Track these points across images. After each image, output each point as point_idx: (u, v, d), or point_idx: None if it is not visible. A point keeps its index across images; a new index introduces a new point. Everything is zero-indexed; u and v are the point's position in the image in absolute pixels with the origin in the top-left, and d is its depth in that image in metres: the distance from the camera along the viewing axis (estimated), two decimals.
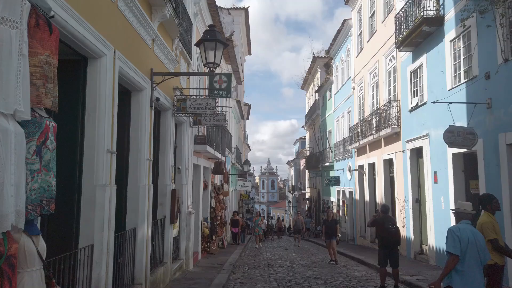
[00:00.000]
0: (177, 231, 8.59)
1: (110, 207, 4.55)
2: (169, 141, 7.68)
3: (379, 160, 15.06)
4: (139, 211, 5.86)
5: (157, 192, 7.45)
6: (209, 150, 10.25)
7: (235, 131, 24.77)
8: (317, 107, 29.40)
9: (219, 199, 14.47)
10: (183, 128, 9.23)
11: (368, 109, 16.70)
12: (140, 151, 5.95)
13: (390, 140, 13.65)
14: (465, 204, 4.46)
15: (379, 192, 15.12)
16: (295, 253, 14.63)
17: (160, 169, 7.54)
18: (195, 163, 10.60)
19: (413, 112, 11.72)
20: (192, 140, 9.90)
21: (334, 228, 11.61)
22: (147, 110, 6.12)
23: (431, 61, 10.46)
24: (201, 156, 11.51)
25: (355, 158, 19.07)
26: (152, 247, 6.73)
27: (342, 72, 22.21)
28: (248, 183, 25.38)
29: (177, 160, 9.08)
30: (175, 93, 7.97)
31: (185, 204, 9.10)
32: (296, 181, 48.91)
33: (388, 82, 14.36)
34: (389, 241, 7.33)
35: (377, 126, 14.61)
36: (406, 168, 12.15)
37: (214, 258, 11.91)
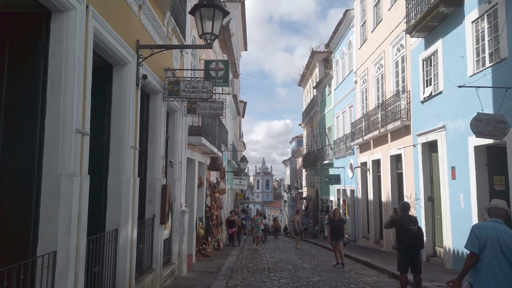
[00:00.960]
0: (168, 232, 7.62)
1: (81, 202, 3.58)
2: (159, 129, 6.70)
3: (385, 156, 14.18)
4: (122, 209, 4.88)
5: (145, 187, 6.48)
6: (204, 142, 9.28)
7: (231, 127, 23.79)
8: (316, 104, 28.51)
9: (215, 198, 13.49)
10: (176, 117, 8.25)
11: (372, 102, 15.82)
12: (123, 137, 4.97)
13: (398, 134, 12.77)
14: (499, 201, 4.29)
15: (385, 190, 14.24)
16: (296, 255, 13.70)
17: (149, 161, 6.56)
18: (189, 157, 9.63)
19: (425, 103, 10.83)
20: (186, 131, 8.93)
21: (341, 228, 10.68)
22: (131, 89, 5.14)
23: (448, 46, 9.58)
24: (196, 149, 10.54)
25: (357, 155, 18.19)
26: (139, 251, 5.75)
27: (343, 65, 21.33)
28: (244, 182, 24.40)
29: (169, 153, 8.11)
30: (166, 74, 6.99)
31: (178, 202, 8.13)
32: (292, 180, 48.03)
33: (396, 73, 13.48)
34: (410, 244, 6.41)
35: (383, 120, 13.72)
36: (418, 164, 11.26)
37: (210, 261, 10.94)
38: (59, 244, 3.30)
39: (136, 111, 5.35)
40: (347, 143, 19.97)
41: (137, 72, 5.29)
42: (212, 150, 11.29)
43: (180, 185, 8.33)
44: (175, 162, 8.13)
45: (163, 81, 6.83)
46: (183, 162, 8.58)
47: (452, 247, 9.38)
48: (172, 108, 7.96)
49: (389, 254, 12.94)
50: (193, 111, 8.46)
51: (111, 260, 4.71)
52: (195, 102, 8.46)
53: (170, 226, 7.67)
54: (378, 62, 15.26)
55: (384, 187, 14.42)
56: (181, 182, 8.37)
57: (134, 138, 5.25)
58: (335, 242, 10.70)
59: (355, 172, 18.56)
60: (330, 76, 23.92)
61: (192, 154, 9.87)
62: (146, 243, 6.25)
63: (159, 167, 6.62)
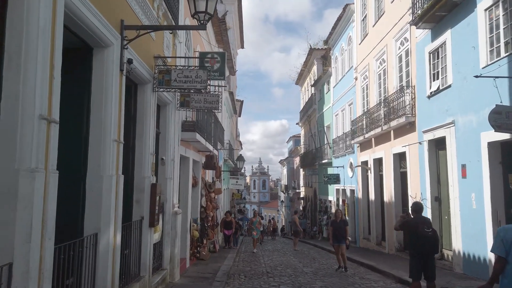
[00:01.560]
0: (159, 235, 7.00)
1: (46, 203, 2.97)
2: (148, 123, 6.08)
3: (388, 155, 13.63)
4: (102, 211, 4.27)
5: (132, 186, 5.87)
6: (199, 139, 8.67)
7: (227, 125, 23.19)
8: (314, 102, 27.97)
9: (211, 198, 12.88)
10: (168, 110, 7.64)
11: (374, 99, 15.28)
12: (104, 129, 4.36)
13: (402, 131, 12.22)
14: None
15: (388, 190, 13.69)
16: (295, 258, 13.12)
17: (137, 157, 5.95)
18: (183, 154, 9.02)
19: (432, 98, 10.29)
20: (179, 127, 8.32)
21: (343, 230, 10.09)
22: (114, 74, 4.53)
23: (458, 37, 9.03)
24: (190, 147, 9.93)
25: (357, 153, 17.64)
26: (124, 257, 5.14)
27: (343, 62, 20.78)
28: (241, 181, 23.78)
29: (160, 150, 7.50)
30: (156, 63, 6.38)
31: (170, 203, 7.52)
32: (289, 180, 47.47)
33: (399, 67, 12.93)
34: (424, 248, 5.83)
35: (386, 117, 13.17)
36: (423, 162, 10.71)
37: (205, 265, 10.33)
38: (16, 255, 2.68)
39: (120, 99, 4.74)
40: (346, 141, 19.43)
41: (121, 55, 4.67)
42: (207, 147, 10.68)
43: (173, 185, 7.72)
44: (167, 160, 7.52)
45: (152, 70, 6.22)
46: (176, 159, 7.97)
47: (462, 250, 8.83)
48: (163, 100, 7.35)
49: (392, 257, 12.39)
50: (186, 104, 7.85)
51: (89, 269, 4.10)
52: (188, 94, 7.86)
53: (161, 229, 7.06)
54: (380, 57, 14.72)
55: (386, 187, 13.87)
56: (173, 181, 7.76)
57: (118, 130, 4.64)
58: (337, 245, 10.12)
59: (355, 171, 18.01)
60: (329, 73, 23.37)
61: (186, 152, 9.26)
62: (133, 248, 5.64)
63: (148, 164, 6.01)
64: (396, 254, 12.71)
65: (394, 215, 13.00)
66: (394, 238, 12.99)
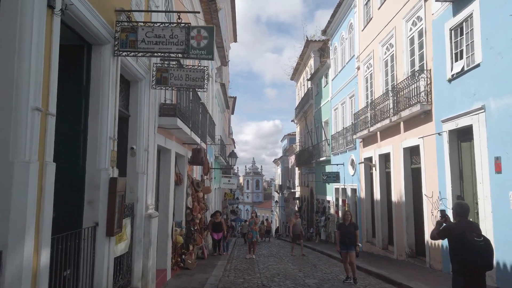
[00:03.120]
0: (126, 245, 5.47)
1: None
2: (107, 98, 4.56)
3: (397, 149, 12.22)
4: (11, 216, 2.73)
5: (83, 181, 4.34)
6: (180, 125, 7.13)
7: (219, 120, 21.67)
8: (310, 97, 26.55)
9: (199, 198, 11.37)
10: (140, 89, 6.13)
11: (379, 89, 13.87)
12: (15, 90, 2.82)
13: (415, 122, 10.81)
14: None
15: (397, 188, 12.28)
16: (294, 266, 11.64)
17: (90, 143, 4.43)
18: (162, 145, 7.50)
19: (454, 81, 8.89)
20: (156, 110, 6.80)
21: (353, 235, 8.63)
22: (37, 9, 2.99)
23: (489, 6, 7.63)
24: (172, 137, 8.41)
25: (360, 149, 16.23)
26: (62, 282, 3.62)
27: (343, 52, 19.38)
28: (234, 180, 22.28)
29: (130, 137, 6.00)
30: (119, 18, 4.86)
31: (142, 203, 6.00)
32: (284, 179, 46.04)
33: (411, 51, 11.53)
34: (475, 264, 4.36)
35: (395, 107, 11.76)
36: (443, 156, 9.31)
37: (190, 276, 8.81)
38: None
39: (49, 50, 3.20)
40: (347, 137, 18.03)
41: None
42: (194, 139, 9.17)
43: (147, 181, 6.20)
44: (138, 150, 6.00)
45: (113, 28, 4.70)
46: (151, 150, 6.45)
47: (495, 259, 7.42)
48: (133, 75, 5.84)
49: (404, 264, 10.97)
50: (164, 81, 6.33)
51: None
52: (166, 69, 6.35)
53: (128, 237, 5.53)
54: (387, 42, 13.32)
55: (395, 185, 12.46)
56: (147, 176, 6.24)
57: (43, 95, 3.10)
58: (345, 252, 8.66)
59: (357, 169, 16.61)
60: (327, 66, 21.97)
61: (166, 142, 7.74)
62: (83, 267, 4.11)
63: (106, 152, 4.49)
64: (407, 261, 11.30)
65: (405, 217, 11.60)
66: (405, 242, 11.58)
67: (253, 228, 13.90)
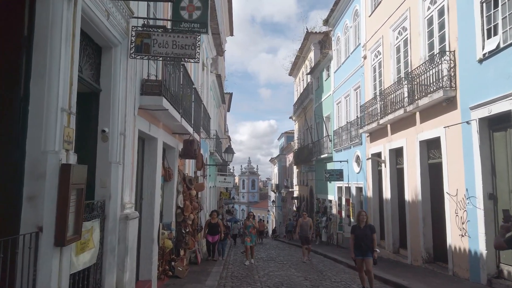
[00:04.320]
0: (93, 255, 4.21)
1: None
2: (57, 54, 3.28)
3: (411, 143, 11.03)
4: None
5: (21, 169, 3.08)
6: (166, 106, 5.83)
7: (214, 115, 20.40)
8: (310, 91, 25.35)
9: (191, 196, 10.10)
10: (115, 57, 4.86)
11: (390, 78, 12.68)
12: None
13: (435, 111, 9.63)
14: None
15: (411, 186, 11.08)
16: (298, 272, 10.42)
17: (33, 115, 3.15)
18: (146, 131, 6.22)
19: (487, 61, 7.70)
20: (136, 86, 5.52)
21: (369, 239, 7.42)
22: None
23: None
24: (160, 124, 7.14)
25: (366, 144, 15.04)
26: None
27: (347, 42, 18.19)
28: (230, 178, 21.00)
29: (101, 117, 4.73)
30: None
31: (116, 201, 4.73)
32: (281, 179, 44.83)
33: (429, 33, 10.35)
34: None
35: (410, 96, 10.58)
36: (471, 149, 8.12)
37: (180, 287, 7.55)
38: None
39: None
40: (351, 132, 16.84)
41: None
42: (185, 128, 7.90)
43: (123, 173, 4.93)
44: (111, 134, 4.74)
45: None
46: (129, 135, 5.18)
47: None
48: (105, 38, 4.57)
49: (421, 271, 9.78)
50: (145, 49, 5.06)
51: None
52: (148, 34, 5.08)
53: (96, 244, 4.27)
54: (399, 26, 12.13)
55: (409, 183, 11.27)
56: (124, 168, 4.97)
57: None
58: (361, 259, 7.44)
59: (364, 165, 15.42)
60: (329, 57, 20.77)
61: (151, 129, 6.46)
62: None
63: (56, 129, 3.22)
64: (425, 267, 10.11)
65: (421, 217, 10.42)
66: (421, 245, 10.39)
67: (251, 232, 12.12)
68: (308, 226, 12.90)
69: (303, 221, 13.16)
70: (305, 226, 12.91)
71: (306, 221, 13.15)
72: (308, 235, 12.89)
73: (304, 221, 13.12)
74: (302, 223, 13.06)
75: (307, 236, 12.89)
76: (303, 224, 13.01)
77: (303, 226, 12.94)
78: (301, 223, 13.10)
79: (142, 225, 6.74)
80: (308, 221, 13.14)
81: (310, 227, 13.01)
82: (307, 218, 13.39)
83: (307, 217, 13.65)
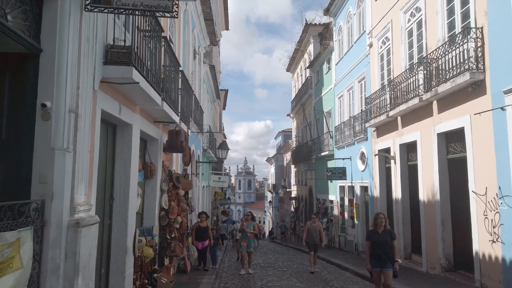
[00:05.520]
0: (20, 279, 2.94)
1: None
2: None
3: (427, 136, 9.83)
4: None
5: None
6: (137, 78, 4.51)
7: (208, 111, 19.13)
8: (309, 86, 24.14)
9: (179, 196, 8.84)
10: (63, 8, 3.60)
11: (401, 65, 11.49)
12: None
13: (457, 98, 8.43)
14: None
15: (427, 184, 9.88)
16: (300, 282, 9.19)
17: None
18: (115, 114, 4.94)
19: None
20: (97, 52, 4.23)
21: (389, 246, 6.19)
22: None
23: None
24: (136, 109, 5.86)
25: (373, 140, 13.84)
26: None
27: (349, 31, 16.99)
28: (225, 178, 19.71)
29: (41, 87, 3.47)
30: None
31: (60, 202, 3.46)
32: (278, 179, 43.60)
33: (448, 10, 9.15)
34: None
35: (426, 83, 9.38)
36: (505, 139, 6.92)
37: None
38: None
39: None
40: (355, 127, 15.63)
41: None
42: (168, 115, 6.64)
43: (74, 164, 3.66)
44: (56, 110, 3.47)
45: None
46: (84, 115, 3.90)
47: None
48: None
49: (442, 280, 8.58)
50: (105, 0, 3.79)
51: None
52: None
53: (27, 262, 3.00)
54: (411, 6, 10.94)
55: (425, 181, 10.06)
56: (77, 157, 3.70)
57: None
58: (378, 270, 6.21)
59: (369, 163, 14.22)
60: (330, 49, 19.58)
61: (122, 112, 5.19)
62: None
63: None
64: (444, 276, 8.91)
65: (439, 220, 9.22)
66: (439, 251, 9.20)
67: (248, 235, 10.46)
68: (317, 232, 10.76)
69: (311, 225, 10.93)
70: (314, 231, 10.77)
71: (315, 225, 10.90)
72: (317, 242, 10.75)
73: (312, 226, 10.89)
74: (310, 228, 10.87)
75: (316, 244, 10.77)
76: (311, 229, 10.82)
77: (311, 231, 10.78)
78: (309, 228, 10.90)
79: (112, 232, 5.48)
80: (318, 226, 10.94)
81: (319, 232, 10.81)
82: (317, 223, 11.07)
83: (317, 221, 11.27)
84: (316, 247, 10.78)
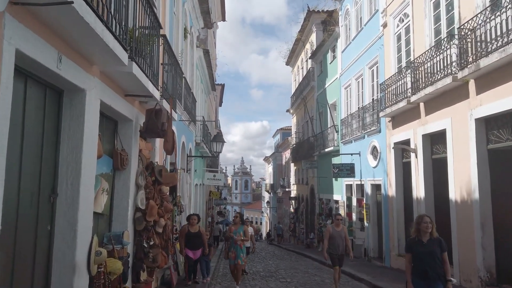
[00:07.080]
0: None
1: None
2: None
3: (461, 123, 8.25)
4: None
5: None
6: (88, 19, 2.94)
7: (202, 101, 17.47)
8: (311, 78, 22.55)
9: (162, 193, 7.16)
10: None
11: (424, 43, 9.91)
12: None
13: (501, 75, 6.84)
14: None
15: (461, 181, 8.28)
16: None
17: None
18: (51, 67, 3.28)
19: None
20: None
21: (439, 260, 4.55)
22: None
23: None
24: (93, 69, 4.20)
25: (387, 132, 12.25)
26: None
27: (358, 13, 15.41)
28: (220, 175, 18.05)
29: None
30: None
31: None
32: (276, 178, 41.97)
33: None
34: None
35: (462, 58, 7.78)
36: None
37: None
38: None
39: None
40: (366, 118, 14.04)
41: None
42: (144, 86, 5.00)
43: None
44: None
45: None
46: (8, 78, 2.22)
47: None
48: None
49: None
50: None
51: None
52: None
53: None
54: None
55: (457, 177, 8.46)
56: None
57: None
58: None
59: (383, 157, 12.62)
60: (336, 35, 17.99)
61: (63, 65, 3.52)
62: None
63: None
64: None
65: (478, 224, 7.63)
66: (477, 262, 7.59)
67: (237, 243, 8.27)
68: (342, 239, 8.11)
69: (334, 230, 8.18)
70: (339, 238, 8.08)
71: (339, 230, 8.19)
72: (342, 252, 8.10)
73: (336, 231, 8.15)
74: (333, 234, 8.12)
75: (342, 254, 8.09)
76: (335, 235, 8.11)
77: (335, 238, 8.08)
78: (331, 234, 8.13)
79: (54, 243, 3.82)
80: (343, 231, 8.24)
81: (345, 239, 8.19)
82: (341, 226, 8.33)
83: (341, 224, 8.44)
84: (341, 260, 8.13)
